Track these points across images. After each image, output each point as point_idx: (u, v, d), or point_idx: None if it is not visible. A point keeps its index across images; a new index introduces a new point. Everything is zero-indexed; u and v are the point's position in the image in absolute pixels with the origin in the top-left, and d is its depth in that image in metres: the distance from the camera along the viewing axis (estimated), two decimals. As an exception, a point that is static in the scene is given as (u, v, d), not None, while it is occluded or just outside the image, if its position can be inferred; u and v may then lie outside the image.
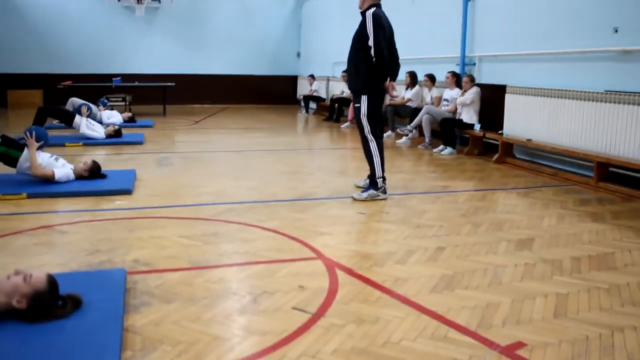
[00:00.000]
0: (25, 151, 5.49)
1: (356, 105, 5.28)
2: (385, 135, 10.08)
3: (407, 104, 10.12)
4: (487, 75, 8.70)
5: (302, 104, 15.77)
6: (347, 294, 3.05)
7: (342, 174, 6.55)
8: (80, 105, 9.24)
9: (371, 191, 5.25)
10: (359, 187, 5.64)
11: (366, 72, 5.14)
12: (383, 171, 5.30)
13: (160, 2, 16.75)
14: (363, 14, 5.22)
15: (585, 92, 6.50)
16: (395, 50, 5.34)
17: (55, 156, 5.73)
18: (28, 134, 5.47)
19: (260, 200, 5.19)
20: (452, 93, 8.92)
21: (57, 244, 3.92)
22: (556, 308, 2.90)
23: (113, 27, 17.14)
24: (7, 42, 16.40)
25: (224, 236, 4.10)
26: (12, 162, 5.53)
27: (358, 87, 5.27)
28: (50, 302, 2.60)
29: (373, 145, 5.28)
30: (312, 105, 15.55)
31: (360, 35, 5.16)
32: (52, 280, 2.64)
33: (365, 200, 5.18)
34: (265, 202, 5.11)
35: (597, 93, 6.33)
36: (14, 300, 2.51)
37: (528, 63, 7.84)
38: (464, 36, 9.14)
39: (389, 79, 5.27)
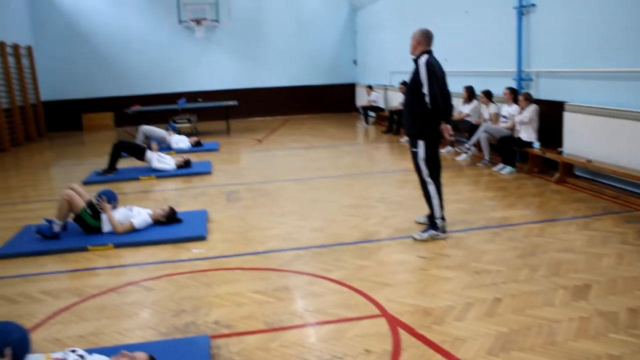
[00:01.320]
0: (104, 216, 6.01)
1: (413, 150, 5.48)
2: (444, 150, 10.28)
3: (466, 118, 10.22)
4: (545, 91, 8.69)
5: (362, 113, 16.00)
6: (409, 359, 3.32)
7: (403, 206, 6.76)
8: (151, 141, 9.81)
9: (431, 231, 5.47)
10: (419, 223, 5.88)
11: (422, 118, 5.32)
12: (442, 211, 5.51)
13: (218, 22, 17.28)
14: (416, 61, 5.39)
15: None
16: (449, 93, 5.50)
17: (128, 207, 6.24)
18: (100, 199, 6.03)
19: (325, 244, 5.51)
20: (509, 109, 8.97)
21: (145, 303, 4.34)
22: (608, 373, 3.07)
23: (175, 48, 17.87)
24: (80, 70, 17.41)
25: (295, 290, 4.44)
26: (94, 231, 6.02)
27: (415, 132, 5.45)
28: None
29: (432, 188, 5.49)
30: (371, 113, 15.76)
31: (414, 82, 5.34)
32: (153, 361, 3.05)
33: (425, 240, 5.41)
34: (330, 247, 5.42)
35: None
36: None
37: (587, 80, 7.77)
38: (519, 50, 9.15)
39: (443, 123, 5.43)
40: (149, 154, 9.52)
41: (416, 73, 5.32)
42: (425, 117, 5.31)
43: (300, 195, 7.61)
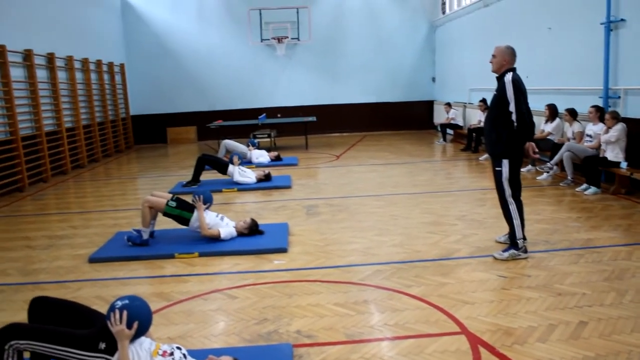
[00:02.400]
0: (195, 212, 6.26)
1: (497, 169, 5.40)
2: (525, 169, 10.09)
3: (548, 137, 10.00)
4: (634, 109, 8.42)
5: (439, 130, 15.91)
6: (491, 378, 3.32)
7: (482, 225, 6.70)
8: (233, 155, 10.14)
9: (512, 251, 5.41)
10: (499, 242, 5.82)
11: (507, 137, 5.23)
12: (523, 231, 5.43)
13: (299, 39, 17.65)
14: (500, 79, 5.32)
15: None
16: (530, 110, 5.44)
17: (220, 215, 6.48)
18: (197, 197, 6.25)
19: (405, 260, 5.55)
20: (595, 128, 8.72)
21: (229, 310, 4.51)
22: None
23: (256, 65, 18.40)
24: (166, 85, 18.22)
25: (374, 304, 4.50)
26: (185, 222, 6.32)
27: (499, 151, 5.36)
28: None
29: (513, 208, 5.41)
30: (449, 131, 15.65)
31: (498, 101, 5.27)
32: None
33: (506, 260, 5.35)
34: (410, 263, 5.45)
35: None
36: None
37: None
38: (606, 68, 8.91)
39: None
40: (231, 167, 9.85)
41: (501, 91, 5.23)
42: (510, 135, 5.21)
43: (379, 211, 7.66)
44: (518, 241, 5.42)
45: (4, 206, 9.25)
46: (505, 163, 5.34)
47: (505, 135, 5.25)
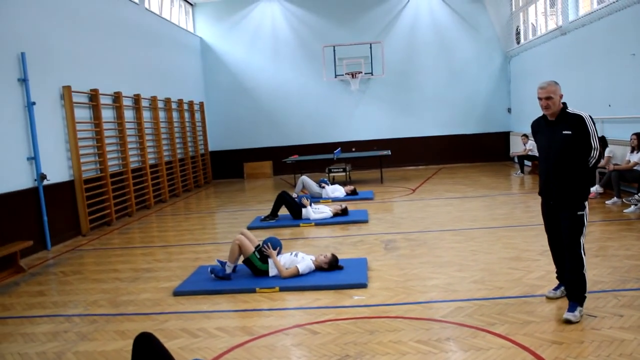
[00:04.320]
0: (270, 261, 6.40)
1: (579, 213, 4.79)
2: (610, 202, 9.70)
3: (635, 167, 9.61)
4: None
5: (517, 162, 15.57)
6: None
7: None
8: (301, 197, 10.22)
9: (580, 309, 4.76)
10: (549, 298, 5.28)
11: (585, 181, 4.81)
12: None
13: (372, 74, 17.82)
14: (563, 118, 4.84)
15: None
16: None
17: (294, 252, 6.60)
18: (266, 246, 6.42)
19: (487, 297, 5.43)
20: (686, 158, 8.34)
21: (311, 346, 4.54)
22: None
23: (331, 100, 18.68)
24: (242, 122, 18.81)
25: (457, 342, 4.42)
26: (261, 273, 6.45)
27: (577, 198, 4.81)
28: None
29: (585, 262, 4.82)
30: (527, 162, 15.30)
31: (577, 141, 4.73)
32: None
33: (581, 318, 4.71)
34: (492, 300, 5.33)
35: None
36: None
37: None
38: (697, 95, 8.54)
39: None
40: (304, 211, 9.92)
41: (581, 130, 4.70)
42: (587, 179, 4.84)
43: (458, 246, 7.55)
44: (586, 295, 4.82)
45: (94, 239, 9.72)
46: (586, 209, 4.83)
47: (583, 179, 4.80)
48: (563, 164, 4.84)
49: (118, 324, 5.35)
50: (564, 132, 4.78)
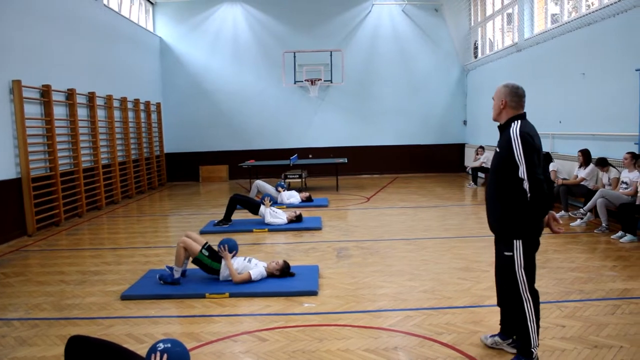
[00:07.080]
0: (224, 262, 6.33)
1: (506, 254, 4.00)
2: (558, 215, 9.92)
3: (582, 183, 9.88)
4: (671, 157, 8.31)
5: (470, 174, 15.85)
6: None
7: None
8: (264, 197, 10.22)
9: None
10: (486, 345, 4.45)
11: (518, 211, 3.86)
12: (539, 336, 4.04)
13: (332, 82, 17.89)
14: (503, 129, 4.03)
15: None
16: (548, 173, 4.56)
17: (248, 258, 6.54)
18: (222, 247, 6.35)
19: (435, 306, 5.48)
20: (630, 175, 8.60)
21: (259, 353, 4.49)
22: None
23: (290, 106, 18.70)
24: (200, 124, 18.64)
25: (405, 351, 4.44)
26: (212, 271, 6.39)
27: (507, 230, 3.97)
28: None
29: (528, 306, 3.95)
30: (481, 174, 15.59)
31: (503, 161, 3.88)
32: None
33: None
34: (441, 309, 5.39)
35: None
36: None
37: None
38: (642, 114, 8.83)
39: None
40: (262, 208, 9.93)
41: (506, 148, 3.84)
42: (522, 210, 3.83)
43: (410, 255, 7.62)
44: (532, 350, 3.97)
45: (40, 240, 9.44)
46: (518, 245, 3.93)
47: (514, 209, 3.87)
48: (492, 188, 4.12)
49: (61, 328, 5.18)
50: (497, 148, 4.06)
